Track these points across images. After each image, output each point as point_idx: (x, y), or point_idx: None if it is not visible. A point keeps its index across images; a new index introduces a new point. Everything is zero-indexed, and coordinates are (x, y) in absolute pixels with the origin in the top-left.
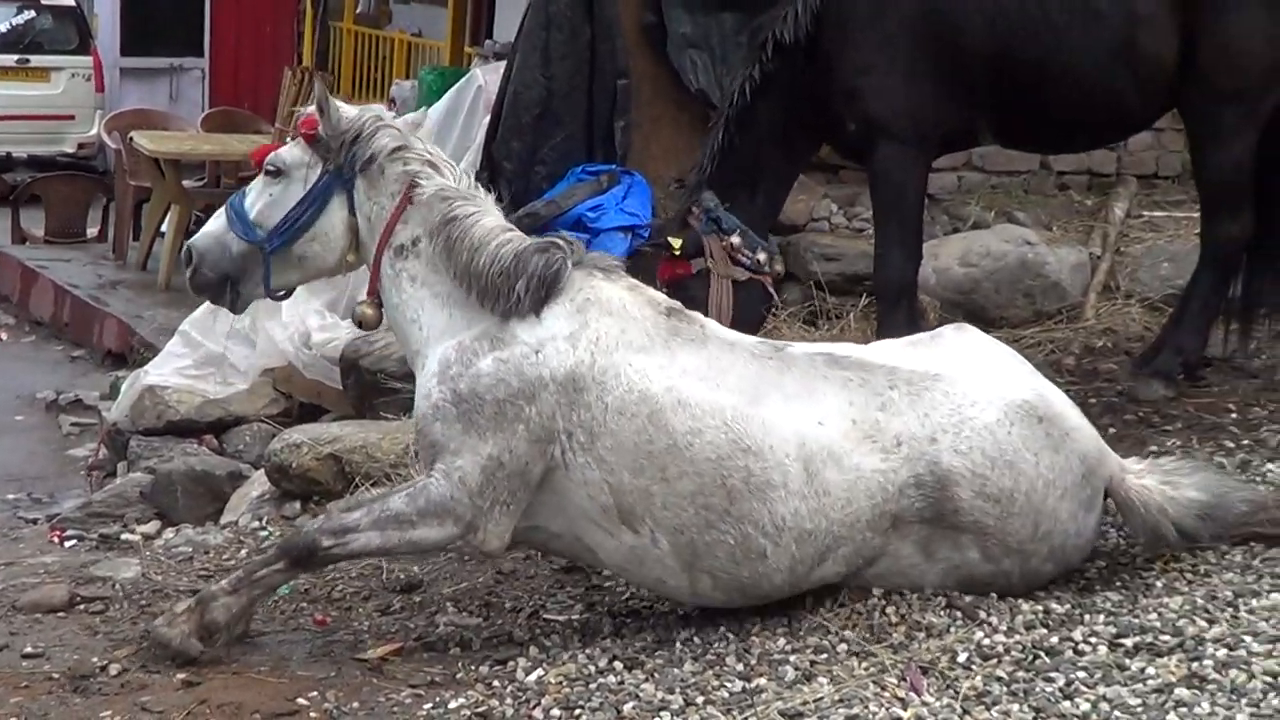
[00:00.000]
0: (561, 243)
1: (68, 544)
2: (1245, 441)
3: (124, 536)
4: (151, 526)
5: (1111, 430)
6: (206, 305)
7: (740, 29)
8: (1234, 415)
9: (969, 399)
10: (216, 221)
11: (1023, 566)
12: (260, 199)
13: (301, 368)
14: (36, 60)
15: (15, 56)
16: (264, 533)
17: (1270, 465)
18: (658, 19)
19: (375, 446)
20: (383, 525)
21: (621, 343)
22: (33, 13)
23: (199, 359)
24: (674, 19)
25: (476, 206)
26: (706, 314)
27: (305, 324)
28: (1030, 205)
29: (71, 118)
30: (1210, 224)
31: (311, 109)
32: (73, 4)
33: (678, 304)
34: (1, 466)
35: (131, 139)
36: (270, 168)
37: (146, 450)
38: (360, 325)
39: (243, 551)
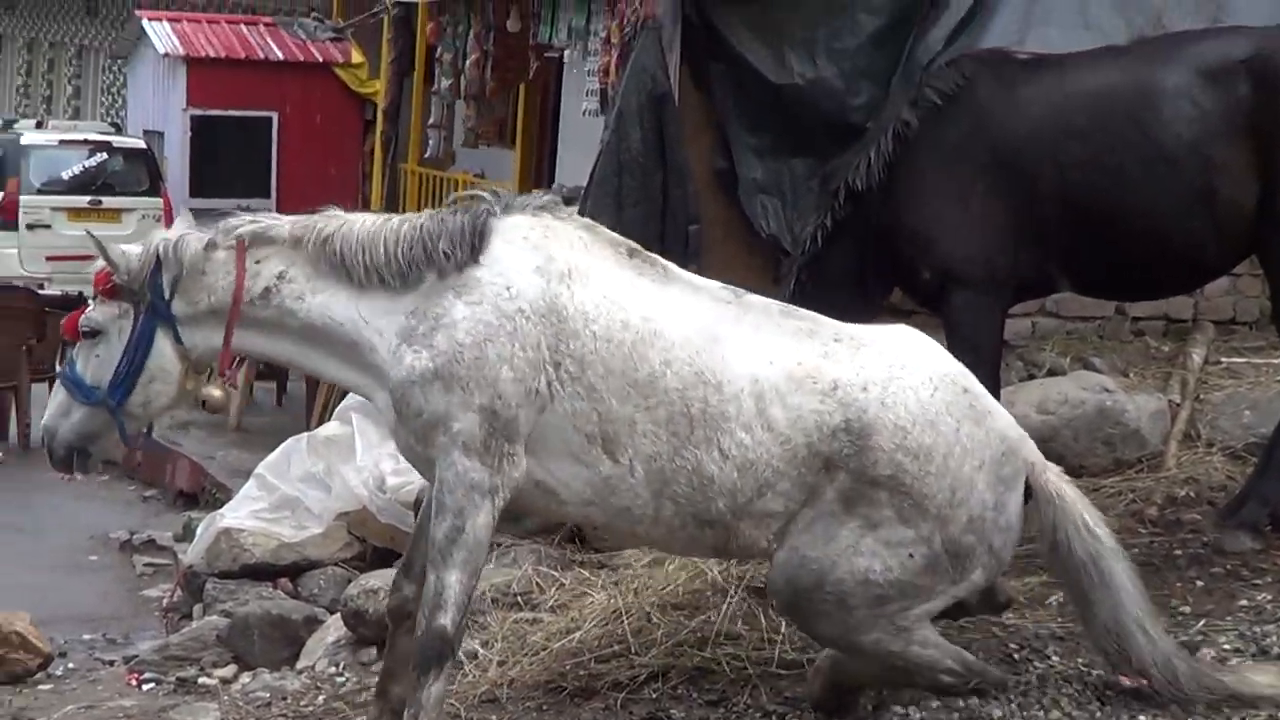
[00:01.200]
0: (486, 195)
1: (145, 687)
2: None
3: (201, 680)
4: (229, 670)
5: (1199, 583)
6: (281, 448)
7: (812, 174)
8: None
9: (900, 362)
10: (57, 398)
11: (943, 533)
12: (89, 363)
13: (376, 512)
14: (108, 201)
15: (88, 198)
16: (340, 678)
17: None
18: (729, 164)
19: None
20: (450, 557)
21: (595, 272)
22: (105, 155)
23: (274, 502)
24: (745, 164)
25: (341, 219)
26: None
27: (379, 468)
28: (1106, 351)
29: None
30: None
31: (100, 264)
32: (143, 146)
33: (636, 245)
34: (76, 607)
35: None
36: (86, 330)
37: (222, 593)
38: (204, 406)
39: (320, 698)
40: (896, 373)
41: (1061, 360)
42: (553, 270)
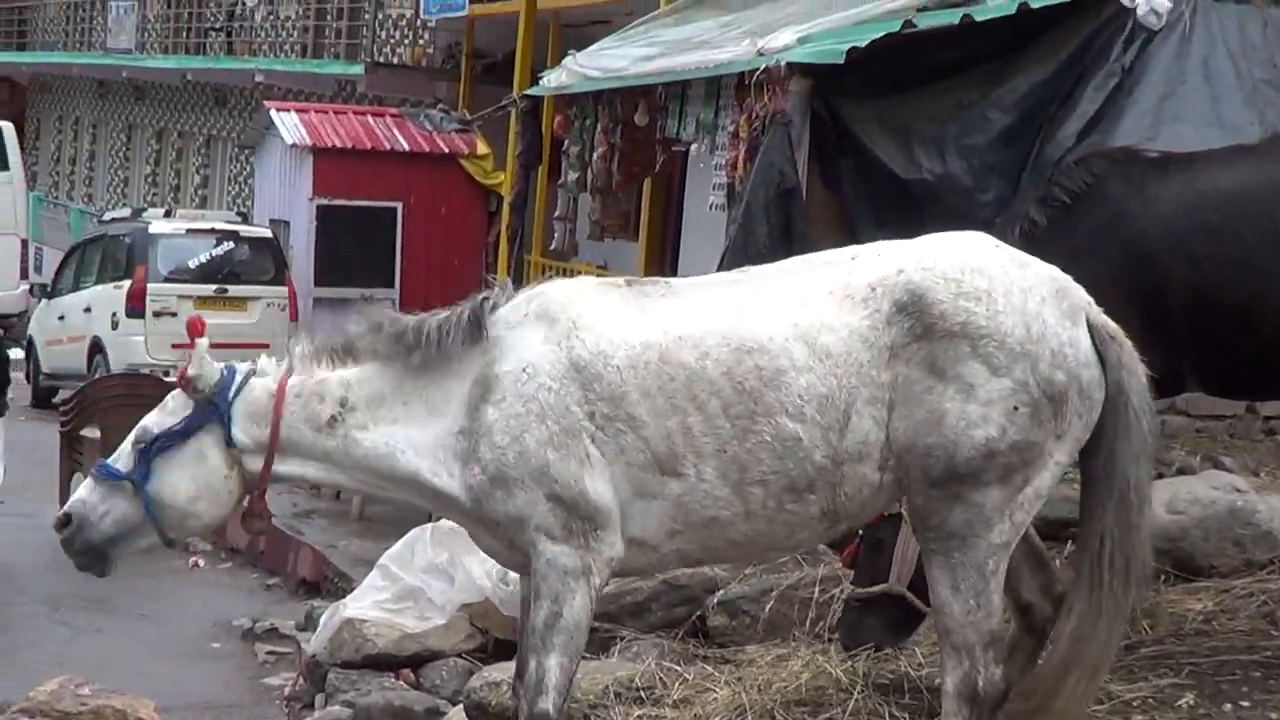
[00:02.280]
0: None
1: None
2: None
3: None
4: None
5: None
6: (405, 539)
7: None
8: None
9: (927, 242)
10: (87, 488)
11: (1034, 372)
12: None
13: (499, 604)
14: (234, 290)
15: (214, 286)
16: None
17: None
18: None
19: (574, 685)
20: (550, 641)
21: (598, 313)
22: (231, 244)
23: (397, 592)
24: None
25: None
26: (891, 561)
27: None
28: (1237, 450)
29: (266, 346)
30: None
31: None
32: (269, 235)
33: (631, 277)
34: (199, 694)
35: None
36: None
37: (345, 683)
38: (243, 524)
39: None
40: (926, 247)
41: (1191, 459)
42: (558, 331)
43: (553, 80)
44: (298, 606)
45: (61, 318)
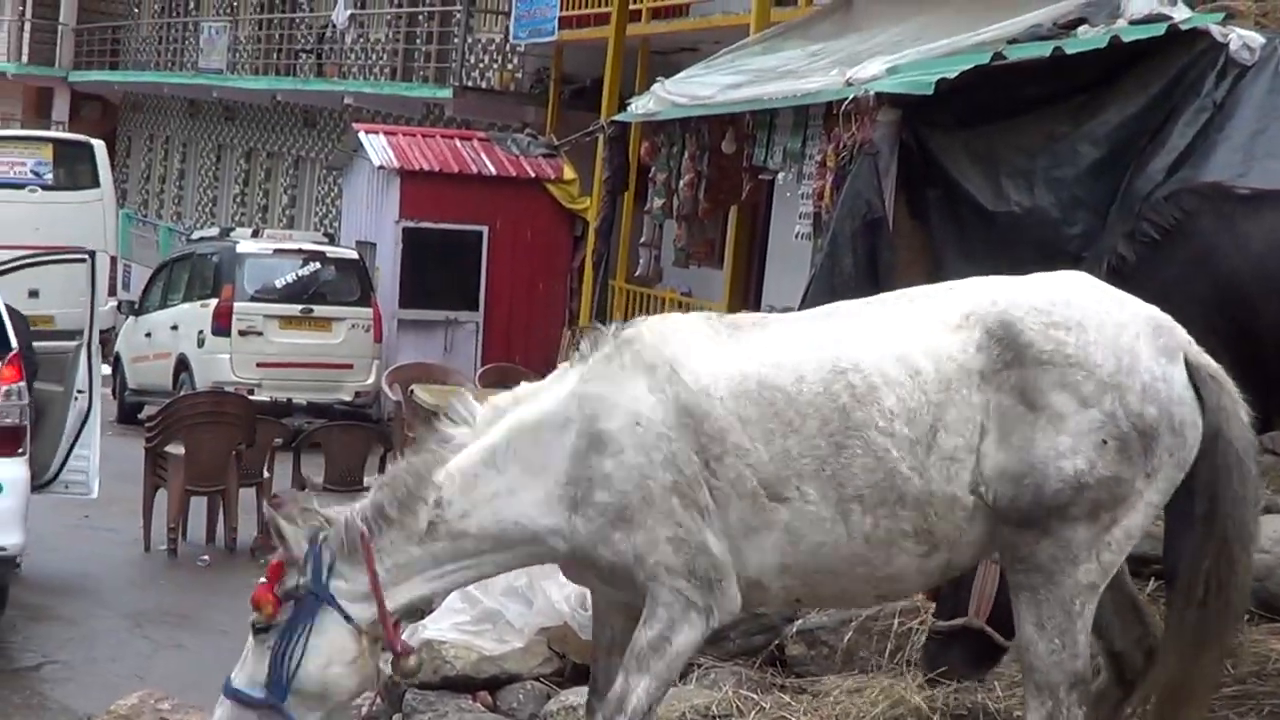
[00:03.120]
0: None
1: None
2: None
3: None
4: None
5: None
6: None
7: None
8: None
9: (1021, 278)
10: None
11: (1123, 404)
12: (254, 661)
13: (578, 629)
14: (319, 310)
15: (300, 306)
16: None
17: None
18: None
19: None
20: (647, 664)
21: (693, 349)
22: (318, 265)
23: (476, 615)
24: None
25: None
26: (970, 593)
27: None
28: None
29: (350, 366)
30: None
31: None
32: (356, 257)
33: (715, 313)
34: None
35: (412, 392)
36: (258, 624)
37: (422, 704)
38: (403, 675)
39: None
40: (1023, 281)
41: (1277, 497)
42: (659, 376)
43: (640, 107)
44: None
45: (148, 335)
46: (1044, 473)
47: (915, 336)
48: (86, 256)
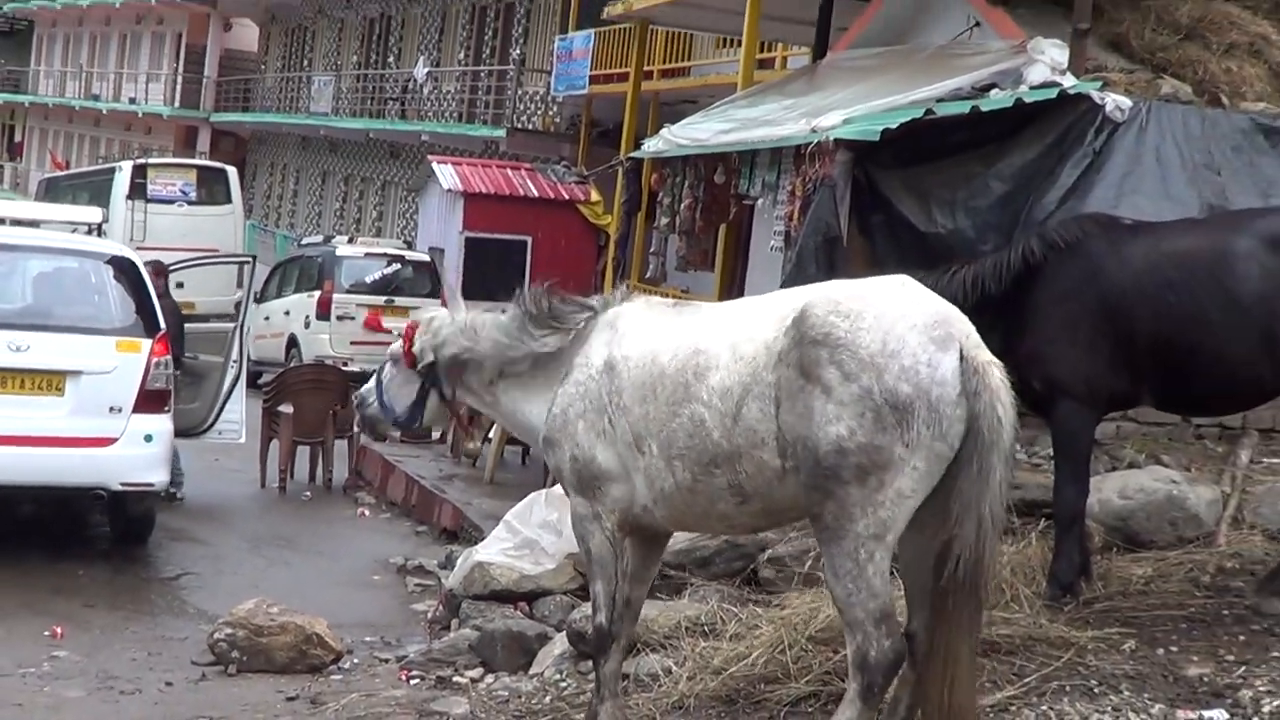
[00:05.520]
0: (593, 303)
1: (412, 682)
2: None
3: (455, 679)
4: (477, 672)
5: (1241, 638)
6: (525, 500)
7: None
8: None
9: (843, 282)
10: (375, 381)
11: (880, 382)
12: (393, 381)
13: None
14: (399, 301)
15: (384, 298)
16: (564, 683)
17: None
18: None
19: (653, 621)
20: (591, 571)
21: (637, 328)
22: (399, 265)
23: (518, 543)
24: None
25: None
26: None
27: None
28: (1174, 450)
29: None
30: None
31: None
32: (428, 260)
33: (682, 299)
34: (361, 616)
35: None
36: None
37: (474, 612)
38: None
39: (547, 698)
40: (841, 282)
41: (1139, 456)
42: (614, 338)
43: (651, 146)
44: (440, 549)
45: (267, 318)
46: (816, 436)
47: (750, 327)
48: (250, 259)
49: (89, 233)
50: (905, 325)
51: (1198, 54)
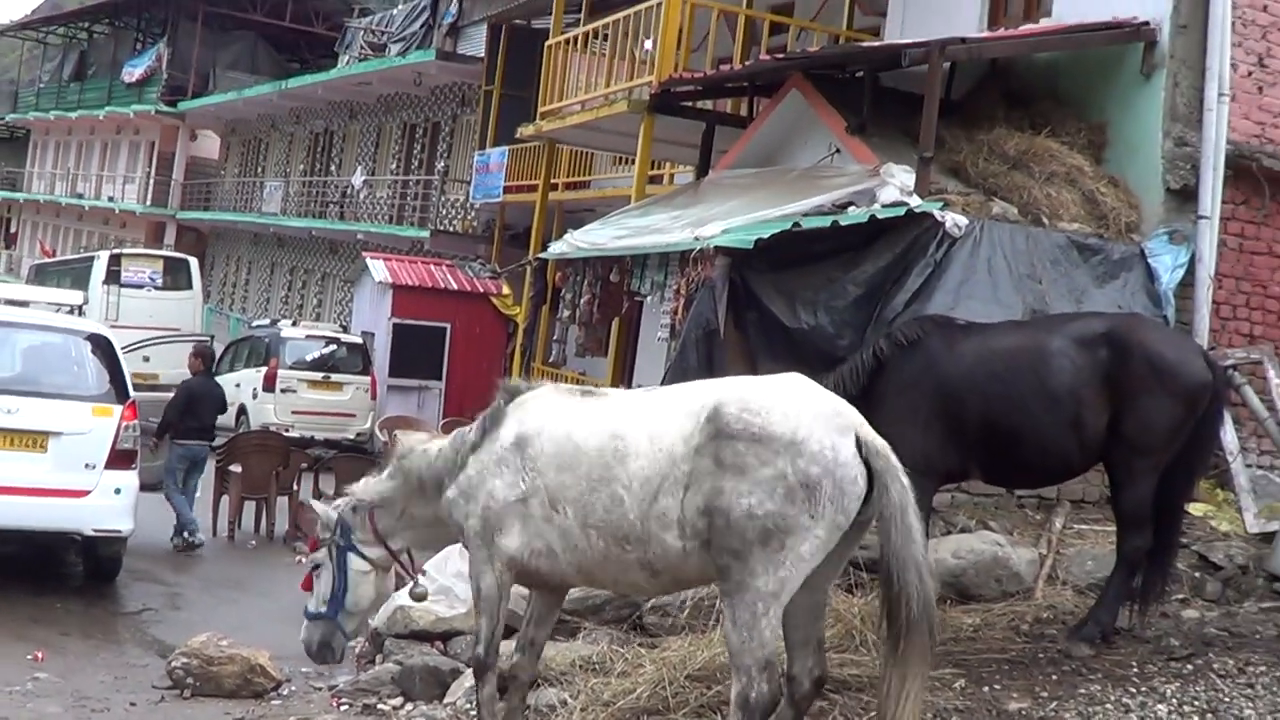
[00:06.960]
0: (511, 389)
1: (342, 708)
2: (1144, 688)
3: (379, 707)
4: (399, 701)
5: (1054, 677)
6: (442, 553)
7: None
8: (1135, 669)
9: (747, 380)
10: (306, 626)
11: (793, 464)
12: (315, 594)
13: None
14: (335, 377)
15: (322, 374)
16: (474, 712)
17: (1159, 706)
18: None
19: (551, 660)
20: (479, 608)
21: (546, 409)
22: (335, 346)
23: (435, 589)
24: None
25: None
26: None
27: None
28: (999, 517)
29: (354, 415)
30: (1123, 537)
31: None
32: (361, 341)
33: (590, 387)
34: (298, 650)
35: (394, 434)
36: (315, 568)
37: (396, 648)
38: (415, 599)
39: None
40: (743, 381)
41: (970, 522)
42: (524, 420)
43: (556, 248)
44: None
45: None
46: (729, 505)
47: (665, 419)
48: (208, 338)
49: (71, 312)
50: (810, 416)
51: (1023, 181)
